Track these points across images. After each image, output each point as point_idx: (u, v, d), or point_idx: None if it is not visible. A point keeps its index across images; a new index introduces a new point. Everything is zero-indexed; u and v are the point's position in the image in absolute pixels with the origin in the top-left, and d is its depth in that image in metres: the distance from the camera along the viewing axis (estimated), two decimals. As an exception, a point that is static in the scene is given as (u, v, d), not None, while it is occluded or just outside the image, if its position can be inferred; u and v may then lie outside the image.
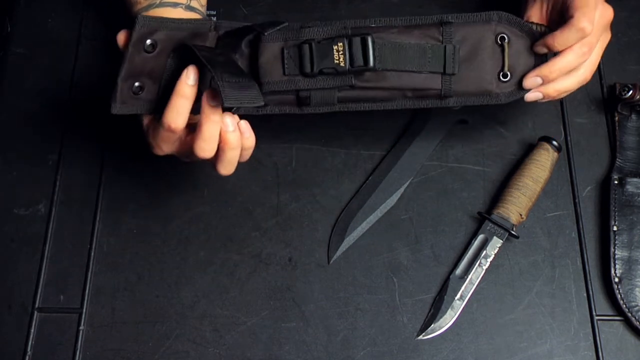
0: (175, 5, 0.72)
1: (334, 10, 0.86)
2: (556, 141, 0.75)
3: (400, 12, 0.86)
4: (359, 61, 0.62)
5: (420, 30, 0.65)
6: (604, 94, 0.81)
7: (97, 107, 0.81)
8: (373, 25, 0.64)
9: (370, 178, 0.77)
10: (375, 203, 0.75)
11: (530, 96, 0.66)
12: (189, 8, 0.72)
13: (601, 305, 0.72)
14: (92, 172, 0.78)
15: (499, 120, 0.80)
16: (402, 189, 0.76)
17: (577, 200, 0.76)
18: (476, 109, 0.80)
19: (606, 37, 0.67)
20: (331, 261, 0.73)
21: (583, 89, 0.82)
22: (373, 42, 0.62)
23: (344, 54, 0.62)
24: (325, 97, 0.65)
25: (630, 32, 0.85)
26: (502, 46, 0.64)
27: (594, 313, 0.71)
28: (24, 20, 0.86)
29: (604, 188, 0.76)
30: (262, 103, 0.58)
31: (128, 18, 0.75)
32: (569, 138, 0.79)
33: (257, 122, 0.80)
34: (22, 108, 0.81)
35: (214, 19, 0.85)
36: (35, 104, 0.82)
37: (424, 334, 0.70)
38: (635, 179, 0.75)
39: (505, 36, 0.64)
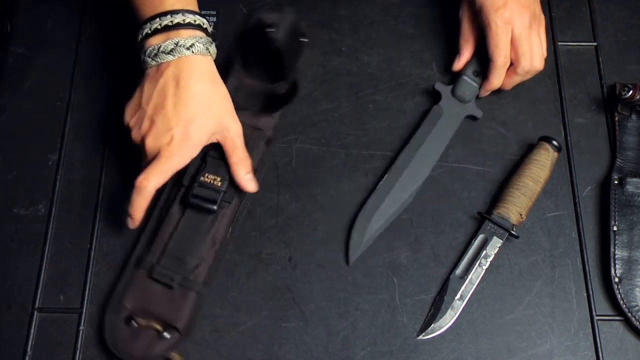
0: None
1: (334, 10, 0.86)
2: (556, 141, 0.75)
3: (400, 12, 0.86)
4: None
5: None
6: (604, 94, 0.81)
7: (97, 107, 0.81)
8: None
9: (386, 176, 0.76)
10: (393, 202, 0.75)
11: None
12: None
13: (601, 305, 0.72)
14: (92, 172, 0.78)
15: (499, 120, 0.80)
16: (418, 187, 0.76)
17: (577, 200, 0.76)
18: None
19: (538, 24, 0.76)
20: (351, 262, 0.73)
21: (583, 89, 0.82)
22: None
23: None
24: None
25: (630, 32, 0.85)
26: None
27: (594, 313, 0.71)
28: (24, 20, 0.86)
29: (604, 188, 0.76)
30: None
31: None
32: (569, 138, 0.79)
33: (257, 122, 0.80)
34: (22, 108, 0.81)
35: (214, 19, 0.85)
36: (35, 104, 0.82)
37: (424, 334, 0.70)
38: (635, 179, 0.75)
39: None
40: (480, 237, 0.73)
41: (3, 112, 0.81)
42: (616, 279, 0.71)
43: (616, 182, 0.75)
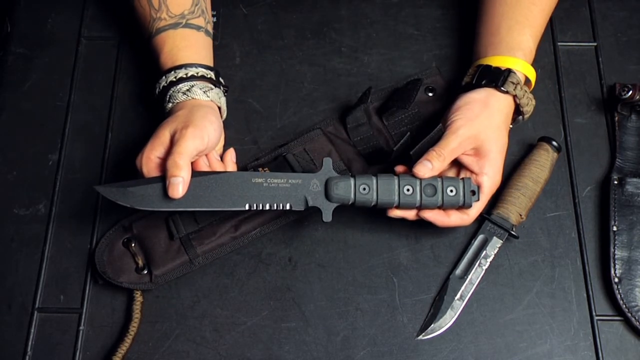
0: (199, 28, 0.73)
1: (334, 10, 0.86)
2: (556, 141, 0.75)
3: (400, 12, 0.86)
4: None
5: None
6: (604, 94, 0.81)
7: (97, 107, 0.81)
8: None
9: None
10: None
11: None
12: (207, 33, 0.76)
13: (601, 305, 0.72)
14: (92, 172, 0.78)
15: (499, 120, 0.80)
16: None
17: (577, 200, 0.76)
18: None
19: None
20: None
21: (583, 89, 0.82)
22: None
23: None
24: None
25: (630, 32, 0.85)
26: None
27: (594, 313, 0.71)
28: (24, 20, 0.86)
29: (604, 188, 0.76)
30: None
31: (143, 36, 0.76)
32: (569, 138, 0.79)
33: (257, 123, 0.81)
34: (22, 108, 0.81)
35: (214, 19, 0.85)
36: (35, 104, 0.82)
37: (424, 334, 0.70)
38: (635, 179, 0.75)
39: None
40: (480, 237, 0.73)
41: (3, 112, 0.81)
42: (616, 279, 0.71)
43: (616, 182, 0.75)
